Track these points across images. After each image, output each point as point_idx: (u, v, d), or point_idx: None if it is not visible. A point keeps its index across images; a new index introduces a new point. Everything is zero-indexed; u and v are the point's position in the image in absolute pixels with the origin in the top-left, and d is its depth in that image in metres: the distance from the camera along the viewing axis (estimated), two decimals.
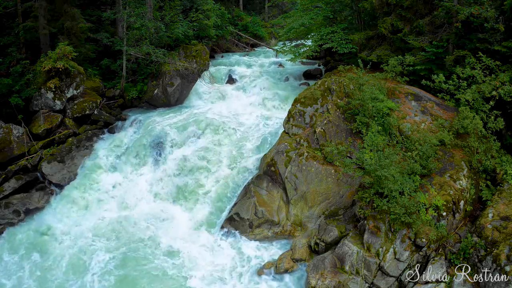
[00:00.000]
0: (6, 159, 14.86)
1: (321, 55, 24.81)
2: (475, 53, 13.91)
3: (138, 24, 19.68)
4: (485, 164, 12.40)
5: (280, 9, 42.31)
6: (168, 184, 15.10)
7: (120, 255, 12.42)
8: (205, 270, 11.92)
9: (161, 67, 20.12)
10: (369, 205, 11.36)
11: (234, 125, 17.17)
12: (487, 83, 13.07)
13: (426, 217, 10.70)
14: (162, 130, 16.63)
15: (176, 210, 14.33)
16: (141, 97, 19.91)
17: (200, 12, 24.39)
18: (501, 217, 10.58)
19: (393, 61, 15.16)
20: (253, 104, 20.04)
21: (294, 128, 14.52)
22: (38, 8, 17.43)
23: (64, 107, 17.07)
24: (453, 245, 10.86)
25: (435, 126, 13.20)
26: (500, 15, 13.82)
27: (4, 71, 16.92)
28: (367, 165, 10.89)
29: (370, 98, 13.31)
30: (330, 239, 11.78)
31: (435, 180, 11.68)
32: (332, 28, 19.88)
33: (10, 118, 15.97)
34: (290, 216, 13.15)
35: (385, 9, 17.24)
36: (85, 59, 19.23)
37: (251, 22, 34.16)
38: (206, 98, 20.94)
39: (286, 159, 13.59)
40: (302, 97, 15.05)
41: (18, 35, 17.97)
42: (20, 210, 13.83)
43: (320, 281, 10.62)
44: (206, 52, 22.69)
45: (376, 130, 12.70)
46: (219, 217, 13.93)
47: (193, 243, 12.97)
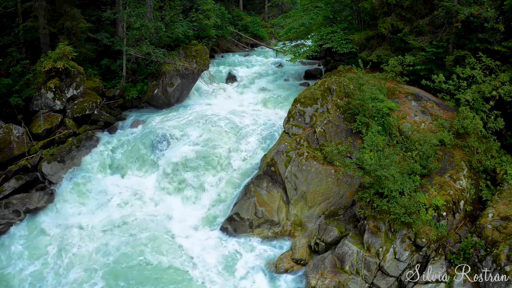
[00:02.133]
0: (6, 159, 14.86)
1: (321, 55, 24.82)
2: (475, 53, 13.91)
3: (138, 24, 19.68)
4: (485, 164, 12.40)
5: (280, 9, 42.30)
6: (168, 183, 15.10)
7: (121, 253, 12.44)
8: (204, 269, 11.91)
9: (161, 67, 20.13)
10: (369, 205, 11.36)
11: (234, 125, 17.17)
12: (487, 83, 13.07)
13: (426, 217, 10.70)
14: (162, 130, 16.64)
15: (176, 210, 14.31)
16: (141, 97, 19.92)
17: (200, 12, 24.41)
18: (501, 217, 10.59)
19: (393, 61, 15.16)
20: (253, 104, 20.06)
21: (294, 128, 14.52)
22: (38, 8, 17.43)
23: (64, 107, 17.07)
24: (453, 245, 10.86)
25: (435, 126, 13.20)
26: (500, 15, 13.82)
27: (4, 71, 16.92)
28: (367, 165, 10.89)
29: (370, 98, 13.32)
30: (330, 239, 11.78)
31: (435, 180, 11.68)
32: (332, 28, 19.88)
33: (10, 118, 15.98)
34: (290, 216, 13.15)
35: (385, 9, 17.25)
36: (85, 59, 19.24)
37: (251, 22, 34.16)
38: (206, 98, 20.97)
39: (286, 159, 13.59)
40: (302, 97, 15.05)
41: (18, 35, 17.97)
42: (20, 210, 13.83)
43: (320, 281, 10.62)
44: (206, 52, 22.69)
45: (376, 130, 12.69)
46: (219, 217, 13.93)
47: (193, 242, 12.97)
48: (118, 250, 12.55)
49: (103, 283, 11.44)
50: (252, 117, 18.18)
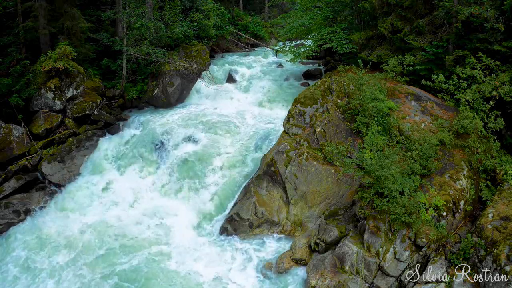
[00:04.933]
0: (6, 159, 14.86)
1: (321, 55, 24.80)
2: (475, 53, 13.90)
3: (138, 24, 19.68)
4: (485, 164, 12.40)
5: (280, 9, 42.27)
6: (168, 183, 15.12)
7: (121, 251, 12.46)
8: (204, 268, 11.93)
9: (161, 67, 20.13)
10: (369, 205, 11.36)
11: (234, 125, 17.18)
12: (487, 83, 13.07)
13: (426, 217, 10.70)
14: (162, 130, 16.65)
15: (176, 209, 14.32)
16: (141, 97, 19.93)
17: (200, 12, 24.40)
18: (501, 217, 10.58)
19: (393, 61, 15.15)
20: (253, 103, 20.05)
21: (294, 128, 14.52)
22: (38, 8, 17.42)
23: (64, 107, 17.07)
24: (453, 245, 10.86)
25: (435, 126, 13.20)
26: (500, 15, 13.81)
27: (4, 71, 16.92)
28: (367, 165, 10.88)
29: (370, 98, 13.31)
30: (330, 239, 11.78)
31: (435, 180, 11.68)
32: (332, 28, 19.88)
33: (10, 118, 15.98)
34: (290, 216, 13.15)
35: (385, 9, 17.25)
36: (85, 59, 19.23)
37: (251, 22, 34.13)
38: (206, 98, 20.96)
39: (286, 159, 13.59)
40: (302, 97, 15.05)
41: (18, 35, 17.97)
42: (20, 210, 13.84)
43: (320, 281, 10.62)
44: (206, 52, 22.70)
45: (376, 130, 12.69)
46: (219, 217, 13.94)
47: (194, 242, 12.97)
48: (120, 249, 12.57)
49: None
50: (252, 117, 18.19)
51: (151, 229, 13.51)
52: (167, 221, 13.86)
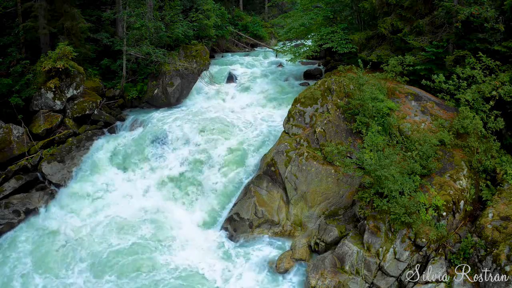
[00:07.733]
0: (6, 159, 14.85)
1: (321, 55, 24.79)
2: (475, 53, 13.90)
3: (138, 24, 19.69)
4: (485, 164, 12.40)
5: (280, 9, 42.29)
6: (168, 183, 15.10)
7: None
8: (203, 268, 11.94)
9: (161, 67, 20.13)
10: (369, 205, 11.36)
11: (234, 125, 17.16)
12: (487, 83, 13.07)
13: (426, 217, 10.70)
14: (162, 130, 16.65)
15: (176, 209, 14.32)
16: (141, 97, 19.93)
17: (200, 12, 24.40)
18: (501, 217, 10.59)
19: (393, 61, 15.15)
20: (253, 103, 20.05)
21: (294, 128, 14.52)
22: (38, 8, 17.42)
23: (64, 107, 17.07)
24: (453, 245, 10.86)
25: (435, 126, 13.21)
26: (500, 15, 13.82)
27: (4, 71, 16.91)
28: (367, 165, 10.89)
29: (370, 98, 13.32)
30: (330, 239, 11.78)
31: (435, 180, 11.68)
32: (332, 28, 19.87)
33: (10, 118, 15.96)
34: (290, 216, 13.15)
35: (385, 9, 17.25)
36: (85, 59, 19.23)
37: (251, 22, 34.14)
38: (206, 98, 20.95)
39: (286, 159, 13.59)
40: (302, 97, 15.05)
41: (18, 35, 17.96)
42: (20, 210, 13.83)
43: (320, 281, 10.62)
44: (206, 52, 22.70)
45: (376, 130, 12.70)
46: (219, 217, 13.93)
47: (194, 241, 12.98)
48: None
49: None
50: (252, 117, 18.17)
51: (150, 229, 13.50)
52: (166, 221, 13.84)
